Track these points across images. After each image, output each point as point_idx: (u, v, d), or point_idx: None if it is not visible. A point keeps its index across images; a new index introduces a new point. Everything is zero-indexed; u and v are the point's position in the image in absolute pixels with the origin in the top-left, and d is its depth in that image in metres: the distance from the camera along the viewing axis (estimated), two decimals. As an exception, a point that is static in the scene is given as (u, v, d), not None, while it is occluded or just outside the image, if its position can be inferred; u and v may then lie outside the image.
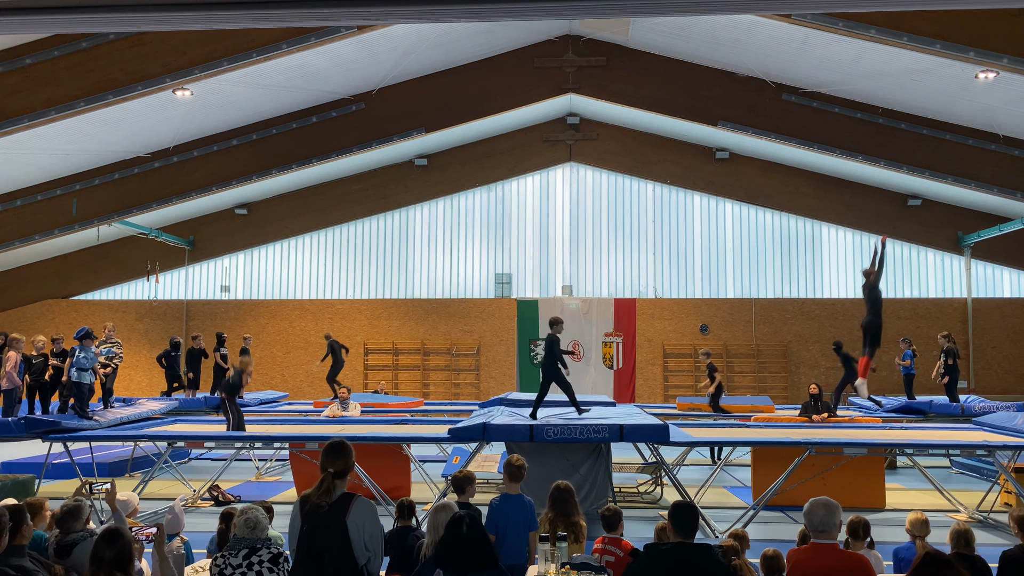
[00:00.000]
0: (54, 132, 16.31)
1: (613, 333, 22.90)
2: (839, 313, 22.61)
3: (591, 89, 20.46)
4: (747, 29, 16.62)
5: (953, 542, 5.38)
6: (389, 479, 10.92)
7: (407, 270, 23.76)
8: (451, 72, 19.93)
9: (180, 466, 14.13)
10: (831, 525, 4.35)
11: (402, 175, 23.31)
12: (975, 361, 22.21)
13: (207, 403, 16.45)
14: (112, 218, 20.02)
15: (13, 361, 11.16)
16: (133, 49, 14.45)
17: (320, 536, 4.13)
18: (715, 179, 22.78)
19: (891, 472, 13.92)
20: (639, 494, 11.99)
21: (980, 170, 19.01)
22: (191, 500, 11.43)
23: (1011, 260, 22.38)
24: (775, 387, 22.13)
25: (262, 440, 11.02)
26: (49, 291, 23.81)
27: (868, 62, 16.29)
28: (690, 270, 23.26)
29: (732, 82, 19.36)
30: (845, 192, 22.37)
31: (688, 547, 4.07)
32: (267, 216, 23.57)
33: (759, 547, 5.63)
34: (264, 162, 20.08)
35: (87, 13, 4.86)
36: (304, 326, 23.50)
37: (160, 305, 23.70)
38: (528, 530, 5.60)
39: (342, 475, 4.30)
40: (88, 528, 4.93)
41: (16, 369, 11.23)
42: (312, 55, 16.33)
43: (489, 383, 22.89)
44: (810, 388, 14.54)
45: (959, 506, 10.99)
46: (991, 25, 13.52)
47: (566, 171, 23.59)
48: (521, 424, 9.83)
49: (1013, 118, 17.28)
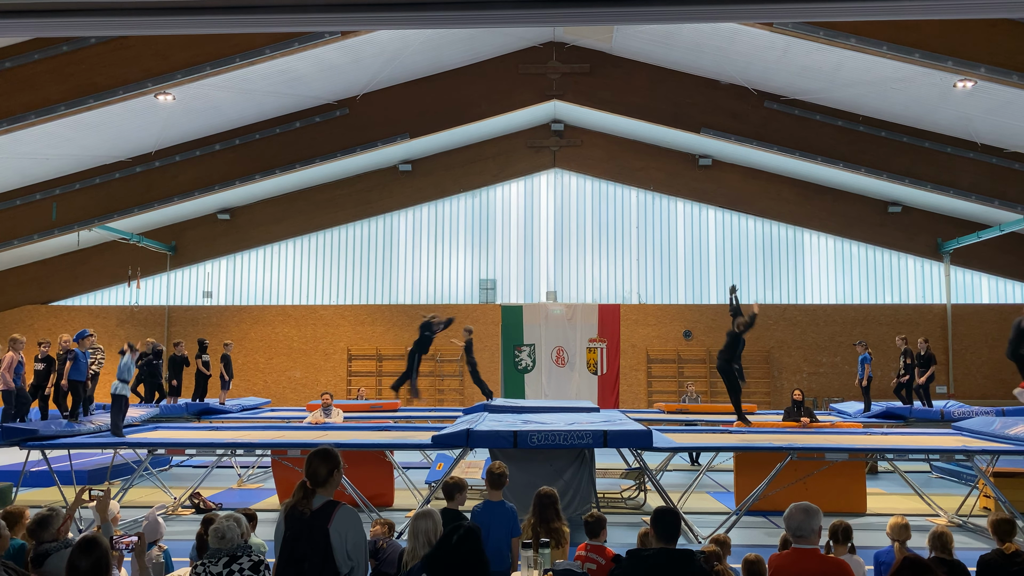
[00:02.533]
0: (33, 136, 16.15)
1: (597, 339, 22.95)
2: (821, 319, 22.79)
3: (575, 96, 20.54)
4: (729, 37, 16.76)
5: (931, 544, 5.43)
6: (372, 486, 10.87)
7: (391, 276, 23.70)
8: (436, 78, 19.95)
9: (161, 473, 13.99)
10: (811, 530, 4.39)
11: (386, 180, 23.27)
12: (955, 367, 22.44)
13: (188, 410, 16.31)
14: (93, 223, 19.84)
15: (8, 362, 10.95)
16: (115, 53, 14.36)
17: (302, 544, 4.10)
18: (698, 186, 22.92)
19: (872, 477, 14.03)
20: (623, 500, 12.00)
21: (959, 177, 19.26)
22: (172, 508, 11.31)
23: (990, 267, 22.66)
24: (758, 392, 22.24)
25: (244, 447, 10.93)
26: (28, 297, 23.54)
27: (849, 70, 16.47)
28: (673, 276, 23.37)
29: (715, 90, 19.52)
30: (827, 199, 22.57)
31: (670, 553, 4.09)
32: (250, 221, 23.44)
33: (742, 552, 5.66)
34: (247, 167, 19.99)
35: (67, 17, 4.83)
36: (287, 332, 23.37)
37: (141, 311, 23.50)
38: (510, 536, 5.59)
39: (326, 483, 4.28)
40: (67, 538, 4.87)
41: (11, 371, 11.01)
42: (296, 60, 16.29)
43: (473, 389, 22.76)
44: (793, 394, 14.64)
45: (939, 510, 11.08)
46: (969, 35, 13.72)
47: (550, 177, 23.65)
48: (505, 431, 9.83)
49: (990, 126, 17.52)
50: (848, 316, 22.75)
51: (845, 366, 22.24)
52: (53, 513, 4.84)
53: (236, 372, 19.74)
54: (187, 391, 17.62)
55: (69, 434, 11.46)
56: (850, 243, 23.04)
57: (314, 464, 4.28)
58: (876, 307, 22.84)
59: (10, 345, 11.12)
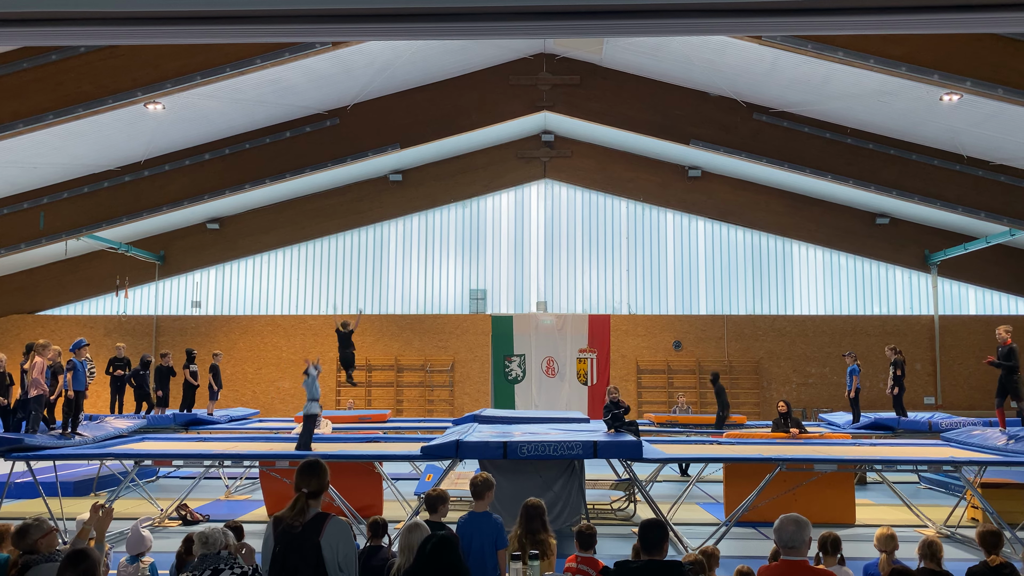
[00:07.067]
0: (21, 145, 16.06)
1: (587, 349, 22.95)
2: (810, 330, 22.89)
3: (565, 107, 20.63)
4: (719, 50, 16.88)
5: (921, 554, 5.44)
6: (361, 497, 10.80)
7: (381, 286, 23.66)
8: (426, 88, 20.00)
9: (147, 485, 13.88)
10: (801, 541, 4.39)
11: (377, 190, 23.27)
12: (942, 377, 22.57)
13: (176, 421, 16.19)
14: (81, 232, 19.72)
15: (39, 367, 10.86)
16: (104, 62, 14.32)
17: (293, 557, 4.07)
18: (687, 197, 23.02)
19: (861, 488, 14.06)
20: (612, 511, 11.98)
21: (945, 189, 19.42)
22: (159, 519, 11.22)
23: (976, 278, 22.84)
24: (747, 403, 22.30)
25: (232, 458, 10.85)
26: (14, 306, 23.36)
27: (836, 83, 16.62)
28: (663, 287, 23.43)
29: (704, 101, 19.64)
30: (815, 210, 22.71)
31: (658, 564, 4.09)
32: (239, 231, 23.37)
33: (732, 563, 5.66)
34: (237, 176, 19.94)
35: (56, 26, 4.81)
36: (276, 342, 23.27)
37: (129, 321, 23.35)
38: (495, 548, 5.54)
39: (316, 495, 4.26)
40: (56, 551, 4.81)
41: (43, 375, 10.90)
42: (286, 70, 16.30)
43: (463, 399, 22.81)
44: (778, 406, 14.66)
45: (927, 521, 11.12)
46: (955, 49, 13.87)
47: (540, 188, 23.71)
48: (494, 441, 9.80)
49: (976, 139, 17.69)
50: (837, 327, 22.86)
51: (834, 377, 22.33)
52: (31, 524, 4.78)
53: (224, 382, 19.62)
54: (175, 402, 17.50)
55: (54, 445, 11.35)
56: (838, 254, 23.18)
57: (305, 476, 4.26)
58: (864, 318, 22.96)
59: (37, 351, 10.99)
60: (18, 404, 11.39)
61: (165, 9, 4.60)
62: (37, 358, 10.90)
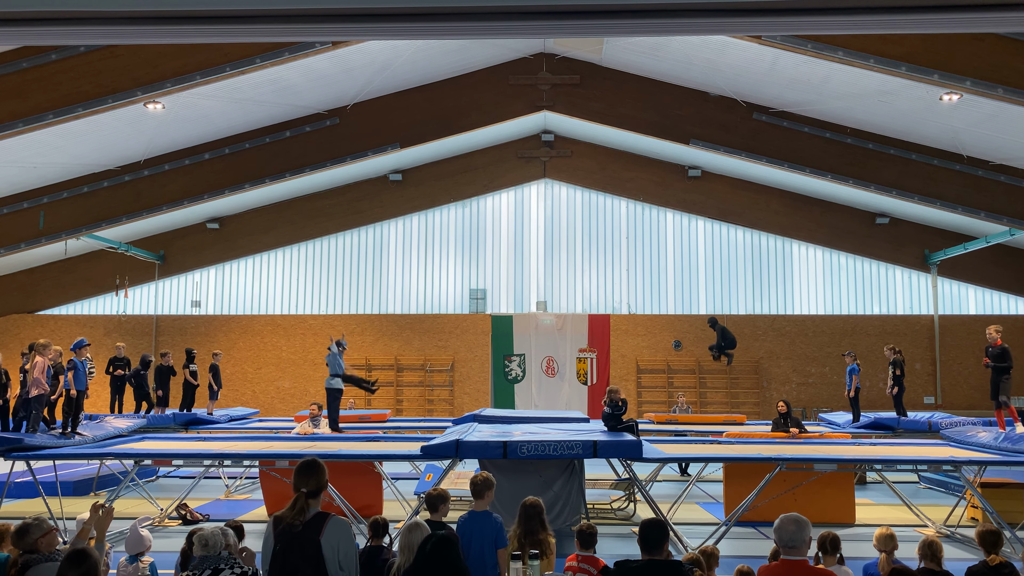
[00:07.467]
0: (21, 144, 16.06)
1: (587, 349, 22.96)
2: (810, 329, 22.89)
3: (565, 107, 20.63)
4: (719, 50, 16.88)
5: (921, 553, 5.44)
6: (361, 497, 10.80)
7: (381, 285, 23.66)
8: (426, 88, 19.99)
9: (147, 484, 13.88)
10: (801, 541, 4.39)
11: (377, 190, 23.27)
12: (942, 377, 22.57)
13: (175, 420, 16.19)
14: (80, 232, 19.72)
15: (40, 367, 10.88)
16: (104, 62, 14.31)
17: (293, 556, 4.07)
18: (687, 196, 23.02)
19: (861, 487, 14.06)
20: (612, 511, 11.98)
21: (945, 189, 19.42)
22: (159, 519, 11.22)
23: (976, 278, 22.84)
24: (747, 403, 22.30)
25: (231, 457, 10.85)
26: (14, 306, 23.36)
27: (836, 83, 16.61)
28: (663, 286, 23.43)
29: (704, 101, 19.64)
30: (815, 210, 22.72)
31: (658, 564, 4.09)
32: (239, 230, 23.37)
33: (732, 563, 5.66)
34: (237, 176, 19.94)
35: (56, 26, 4.81)
36: (276, 342, 23.27)
37: (129, 320, 23.35)
38: (494, 547, 5.54)
39: (315, 494, 4.26)
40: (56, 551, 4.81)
41: (44, 375, 10.93)
42: (286, 70, 16.29)
43: (463, 399, 22.81)
44: (778, 406, 14.66)
45: (927, 521, 11.12)
46: (955, 48, 13.87)
47: (540, 187, 23.71)
48: (494, 441, 9.80)
49: (976, 139, 17.69)
50: (836, 327, 22.86)
51: (834, 376, 22.33)
52: (31, 523, 4.78)
53: (224, 382, 19.62)
54: (175, 402, 17.51)
55: (54, 445, 11.35)
56: (838, 254, 23.18)
57: (304, 476, 4.26)
58: (864, 318, 22.97)
59: (38, 351, 11.01)
60: (18, 403, 11.40)
61: (165, 9, 4.60)
62: (38, 358, 10.91)
